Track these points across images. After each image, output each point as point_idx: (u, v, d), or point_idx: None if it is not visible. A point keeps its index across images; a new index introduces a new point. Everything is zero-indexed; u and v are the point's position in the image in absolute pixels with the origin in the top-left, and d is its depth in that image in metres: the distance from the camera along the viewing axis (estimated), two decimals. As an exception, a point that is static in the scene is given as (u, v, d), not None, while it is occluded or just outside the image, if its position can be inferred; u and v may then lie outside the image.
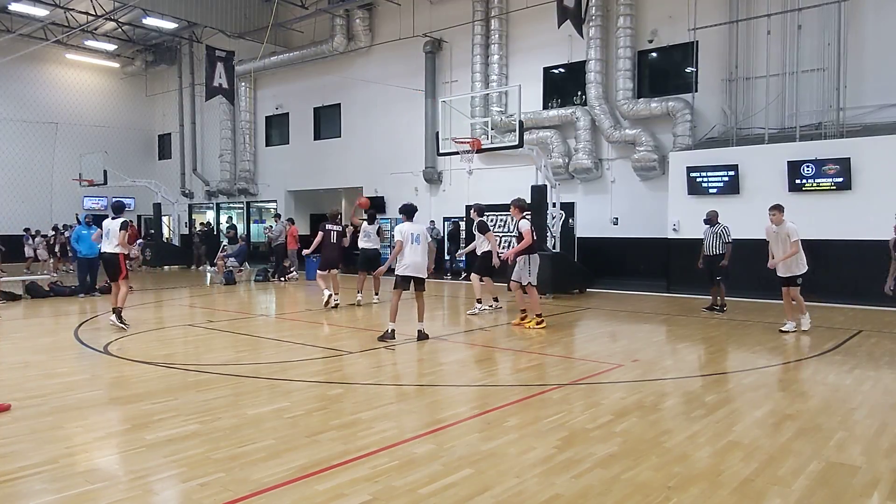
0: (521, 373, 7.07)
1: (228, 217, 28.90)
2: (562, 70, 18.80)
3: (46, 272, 20.15)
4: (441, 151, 14.88)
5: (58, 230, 22.85)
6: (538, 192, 14.31)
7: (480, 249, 11.27)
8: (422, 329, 8.61)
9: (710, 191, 14.21)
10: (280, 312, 12.28)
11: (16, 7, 23.46)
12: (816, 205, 12.93)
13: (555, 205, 14.90)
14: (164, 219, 26.90)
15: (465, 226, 18.06)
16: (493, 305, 11.57)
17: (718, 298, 11.38)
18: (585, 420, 5.06)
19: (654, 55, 17.23)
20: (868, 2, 13.81)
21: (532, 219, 10.09)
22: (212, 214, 29.64)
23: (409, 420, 5.12)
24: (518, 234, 9.86)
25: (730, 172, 13.98)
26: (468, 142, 13.60)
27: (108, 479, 3.92)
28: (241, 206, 28.79)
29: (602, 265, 16.51)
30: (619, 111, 17.07)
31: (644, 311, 11.85)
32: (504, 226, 18.68)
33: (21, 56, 25.14)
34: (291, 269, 18.42)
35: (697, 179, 14.38)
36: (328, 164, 24.36)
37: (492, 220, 18.75)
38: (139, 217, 30.95)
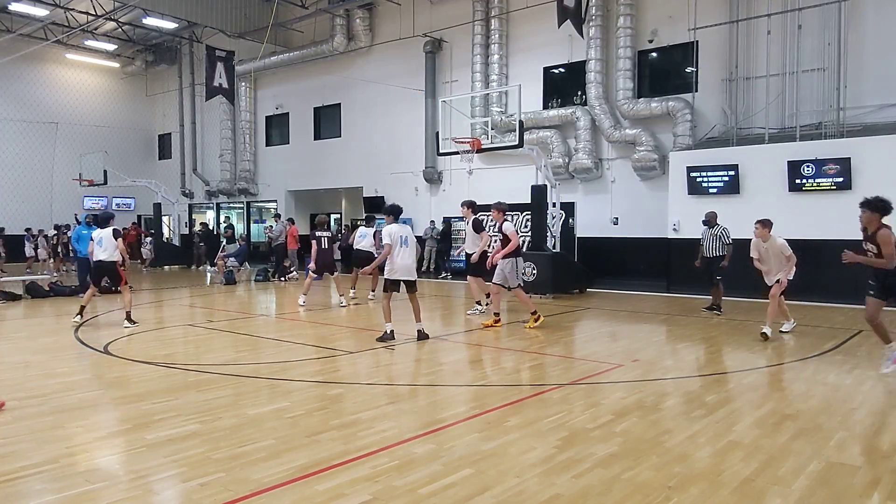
0: (522, 373, 7.07)
1: (226, 217, 28.92)
2: (562, 70, 18.81)
3: (46, 272, 20.16)
4: (441, 151, 14.87)
5: (59, 230, 22.87)
6: (538, 192, 14.30)
7: (473, 249, 10.96)
8: (421, 329, 8.61)
9: (711, 191, 14.21)
10: (280, 312, 12.29)
11: (16, 7, 23.49)
12: (817, 205, 12.93)
13: (555, 205, 14.90)
14: (165, 219, 26.90)
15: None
16: (480, 308, 11.31)
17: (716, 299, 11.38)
18: (586, 420, 5.07)
19: (655, 55, 17.23)
20: (868, 2, 13.81)
21: (532, 219, 10.06)
22: (212, 214, 29.64)
23: (409, 420, 5.12)
24: (503, 237, 9.79)
25: (730, 172, 13.98)
26: (468, 142, 13.60)
27: (109, 479, 3.92)
28: (242, 206, 28.80)
29: (602, 265, 16.52)
30: (620, 111, 17.07)
31: (644, 311, 11.85)
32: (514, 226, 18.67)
33: (21, 56, 25.15)
34: (292, 269, 18.43)
35: (697, 179, 14.38)
36: (328, 164, 24.36)
37: (492, 220, 18.90)
38: (139, 217, 30.96)
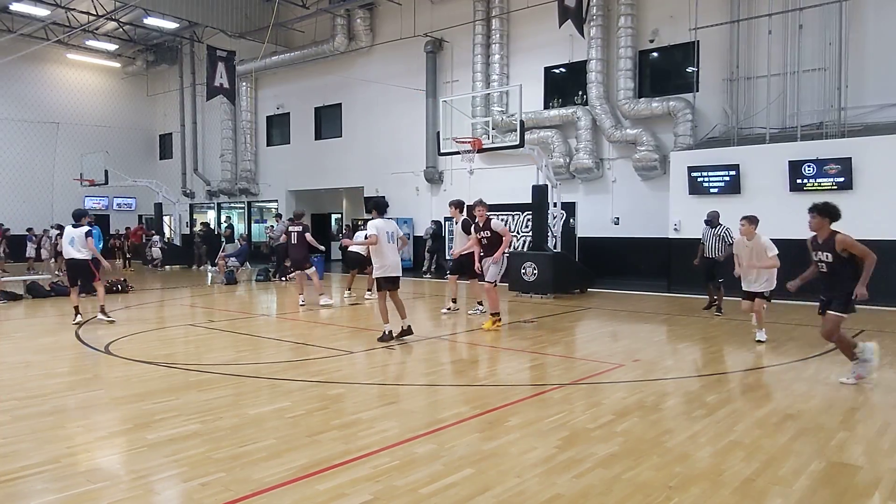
0: (522, 372, 7.07)
1: (227, 217, 28.93)
2: (563, 70, 18.79)
3: (46, 272, 20.14)
4: (442, 151, 14.87)
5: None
6: (539, 192, 14.30)
7: (461, 249, 10.75)
8: (411, 325, 8.56)
9: (712, 190, 14.20)
10: (281, 312, 12.29)
11: (17, 7, 23.51)
12: (818, 205, 12.91)
13: (556, 204, 14.89)
14: (166, 219, 26.91)
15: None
16: (451, 307, 11.23)
17: (716, 299, 11.35)
18: (586, 420, 5.06)
19: (656, 55, 17.22)
20: (869, 1, 13.79)
21: (533, 219, 10.02)
22: (213, 214, 29.65)
23: (410, 420, 5.12)
24: (490, 234, 9.72)
25: (731, 172, 13.96)
26: (469, 141, 13.60)
27: (110, 479, 3.92)
28: (243, 206, 28.80)
29: (603, 265, 16.50)
30: (620, 111, 17.05)
31: (645, 311, 11.84)
32: (505, 225, 18.63)
33: (22, 56, 25.16)
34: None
35: (698, 179, 14.37)
36: (329, 164, 24.36)
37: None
38: (140, 217, 30.98)
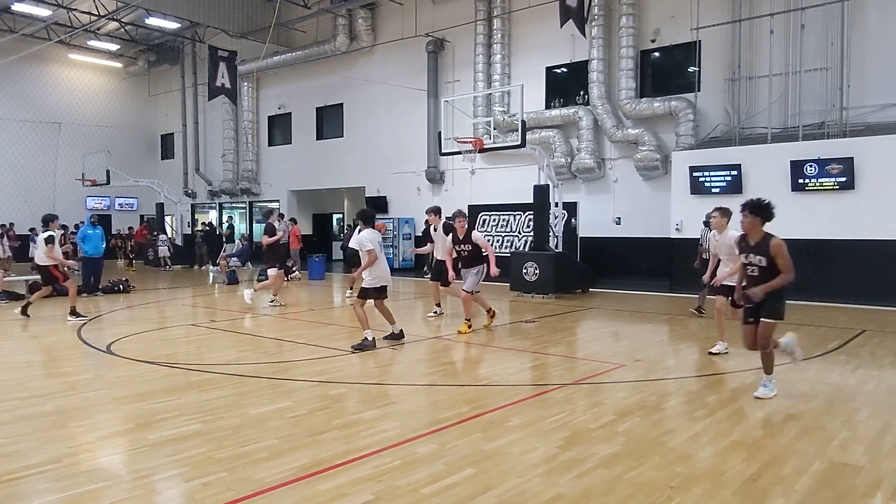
0: (524, 372, 7.07)
1: (228, 217, 28.94)
2: (564, 70, 18.78)
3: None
4: (443, 151, 14.87)
5: (67, 230, 22.90)
6: (541, 192, 14.30)
7: (443, 254, 10.22)
8: (402, 329, 8.48)
9: (713, 190, 14.18)
10: (282, 312, 12.29)
11: (19, 7, 23.54)
12: (819, 204, 12.90)
13: (557, 204, 14.90)
14: (167, 219, 26.94)
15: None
16: (436, 311, 10.98)
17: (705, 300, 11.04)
18: (588, 420, 5.06)
19: (657, 55, 17.20)
20: (871, 1, 13.77)
21: (535, 219, 9.94)
22: (214, 214, 29.68)
23: (412, 420, 5.12)
24: (472, 246, 9.27)
25: (732, 172, 13.95)
26: (470, 141, 13.61)
27: (111, 479, 3.93)
28: (244, 206, 28.82)
29: (604, 265, 16.49)
30: (622, 111, 17.04)
31: (646, 311, 11.83)
32: (507, 226, 18.70)
33: (24, 56, 25.18)
34: (294, 269, 18.48)
35: (700, 179, 14.36)
36: (331, 164, 24.37)
37: (494, 220, 18.91)
38: (142, 217, 31.01)
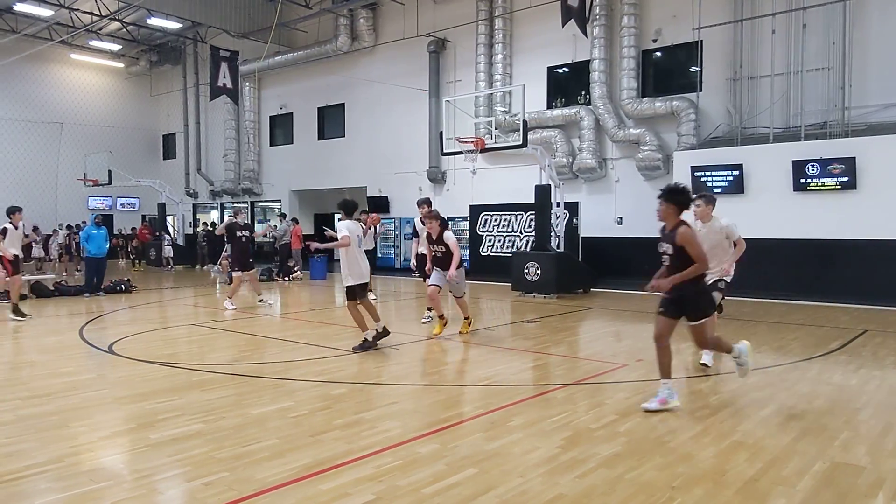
0: (525, 372, 7.06)
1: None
2: (566, 69, 18.77)
3: (51, 272, 20.21)
4: (445, 151, 14.88)
5: (71, 229, 22.92)
6: (542, 192, 14.29)
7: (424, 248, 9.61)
8: (386, 326, 8.27)
9: (715, 190, 14.13)
10: (284, 312, 12.30)
11: (21, 7, 23.58)
12: (821, 204, 12.89)
13: (559, 204, 14.89)
14: (169, 219, 26.95)
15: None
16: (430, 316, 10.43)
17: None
18: (589, 420, 5.06)
19: (659, 54, 17.19)
20: (873, 1, 13.76)
21: (536, 219, 9.88)
22: (216, 214, 29.69)
23: (413, 419, 5.12)
24: (445, 249, 8.70)
25: (734, 172, 13.94)
26: (472, 141, 13.61)
27: (113, 478, 3.93)
28: (246, 206, 28.82)
29: (606, 265, 16.46)
30: (623, 110, 17.03)
31: (648, 311, 11.80)
32: (508, 225, 18.70)
33: (26, 56, 25.24)
34: (296, 269, 18.50)
35: (702, 179, 14.34)
36: (332, 164, 24.38)
37: (495, 220, 18.92)
38: (143, 217, 31.03)
